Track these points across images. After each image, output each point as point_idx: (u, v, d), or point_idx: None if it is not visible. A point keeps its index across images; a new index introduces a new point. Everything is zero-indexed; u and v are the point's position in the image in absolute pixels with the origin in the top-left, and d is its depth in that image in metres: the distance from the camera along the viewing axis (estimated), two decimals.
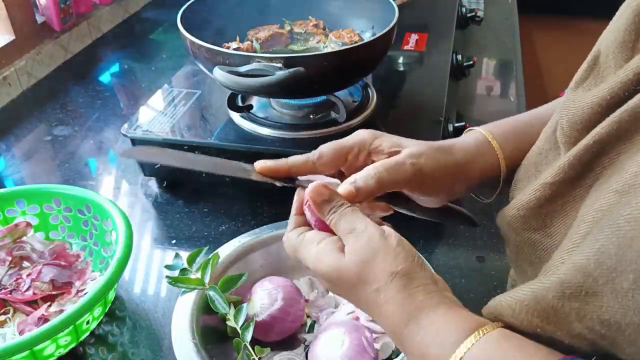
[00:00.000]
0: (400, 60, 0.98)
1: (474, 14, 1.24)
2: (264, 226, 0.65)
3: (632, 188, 0.30)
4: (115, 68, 1.23)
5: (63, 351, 0.59)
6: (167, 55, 1.25)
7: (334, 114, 0.80)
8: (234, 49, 0.82)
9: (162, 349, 0.61)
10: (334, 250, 0.41)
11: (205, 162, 0.51)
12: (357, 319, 0.58)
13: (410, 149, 0.48)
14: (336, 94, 0.79)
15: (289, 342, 0.59)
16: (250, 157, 0.76)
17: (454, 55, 1.00)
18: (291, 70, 0.67)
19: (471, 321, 0.37)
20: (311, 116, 0.81)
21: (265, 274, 0.62)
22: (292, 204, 0.48)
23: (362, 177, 0.45)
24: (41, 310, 0.60)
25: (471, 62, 1.02)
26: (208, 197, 0.82)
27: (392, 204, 0.50)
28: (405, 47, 1.00)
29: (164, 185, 0.85)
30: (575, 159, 0.37)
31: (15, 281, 0.64)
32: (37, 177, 0.90)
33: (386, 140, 0.49)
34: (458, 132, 0.82)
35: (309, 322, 0.61)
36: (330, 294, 0.63)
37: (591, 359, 0.33)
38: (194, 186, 0.85)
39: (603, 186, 0.35)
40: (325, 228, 0.44)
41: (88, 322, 0.59)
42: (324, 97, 0.81)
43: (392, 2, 0.82)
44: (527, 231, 0.43)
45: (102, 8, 1.33)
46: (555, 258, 0.35)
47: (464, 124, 0.82)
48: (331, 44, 0.87)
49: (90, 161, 0.92)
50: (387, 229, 0.42)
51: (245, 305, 0.57)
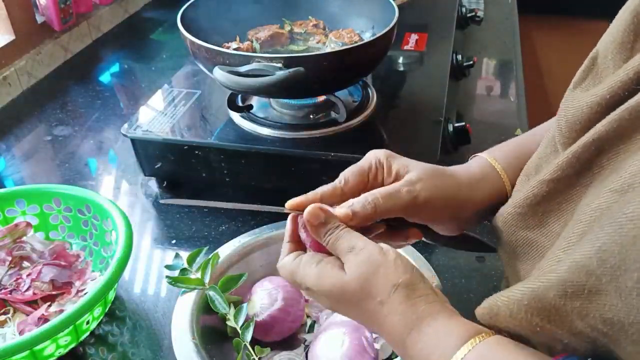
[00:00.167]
0: (400, 60, 0.98)
1: (474, 14, 1.25)
2: (264, 226, 0.65)
3: (632, 188, 0.30)
4: (115, 68, 1.23)
5: (63, 351, 0.59)
6: (167, 55, 1.25)
7: (334, 114, 0.80)
8: (234, 49, 0.82)
9: (162, 349, 0.61)
10: (335, 268, 0.42)
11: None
12: None
13: (410, 174, 0.48)
14: (336, 94, 0.79)
15: (289, 342, 0.59)
16: (250, 157, 0.76)
17: (454, 55, 1.00)
18: (291, 70, 0.67)
19: (470, 328, 0.38)
20: (311, 116, 0.81)
21: (265, 274, 0.62)
22: None
23: (359, 202, 0.46)
24: (41, 310, 0.60)
25: (471, 62, 1.03)
26: (208, 197, 0.82)
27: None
28: (405, 47, 1.00)
29: (164, 185, 0.85)
30: (574, 156, 0.37)
31: (15, 281, 0.64)
32: (37, 177, 0.90)
33: (396, 162, 0.49)
34: (458, 132, 0.82)
35: (309, 322, 0.61)
36: None
37: (586, 359, 0.33)
38: (194, 186, 0.85)
39: (601, 185, 0.35)
40: (321, 249, 0.45)
41: (88, 322, 0.59)
42: (324, 97, 0.81)
43: (392, 2, 0.82)
44: (522, 229, 0.43)
45: (102, 8, 1.33)
46: (550, 257, 0.35)
47: (464, 124, 0.82)
48: (331, 44, 0.87)
49: (90, 161, 0.92)
50: (385, 245, 0.42)
51: (245, 305, 0.57)
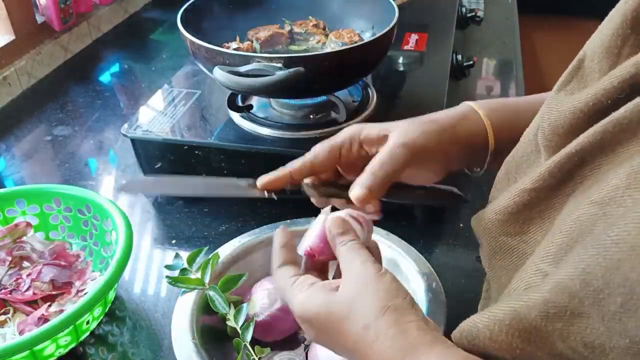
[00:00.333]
0: (400, 60, 0.98)
1: (474, 14, 1.25)
2: (264, 226, 0.65)
3: (613, 200, 0.30)
4: (115, 68, 1.23)
5: (63, 351, 0.59)
6: (167, 55, 1.25)
7: (334, 114, 0.80)
8: (234, 49, 0.82)
9: (162, 349, 0.61)
10: (325, 289, 0.42)
11: (200, 185, 0.52)
12: None
13: (396, 132, 0.49)
14: (336, 94, 0.79)
15: (289, 342, 0.59)
16: (250, 157, 0.76)
17: (454, 55, 1.00)
18: (291, 70, 0.67)
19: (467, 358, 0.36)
20: (311, 116, 0.81)
21: (265, 274, 0.62)
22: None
23: (366, 177, 0.46)
24: (41, 310, 0.60)
25: (471, 62, 1.03)
26: (208, 197, 0.82)
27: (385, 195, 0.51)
28: (405, 47, 1.00)
29: None
30: (556, 167, 0.36)
31: (15, 281, 0.64)
32: (37, 177, 0.90)
33: (373, 128, 0.51)
34: None
35: None
36: None
37: None
38: None
39: (582, 196, 0.34)
40: (315, 255, 0.46)
41: (88, 322, 0.59)
42: (324, 97, 0.81)
43: (392, 2, 0.82)
44: (503, 236, 0.42)
45: (102, 8, 1.33)
46: (530, 266, 0.35)
47: None
48: (331, 44, 0.87)
49: (90, 161, 0.92)
50: (386, 268, 0.42)
51: (245, 305, 0.57)
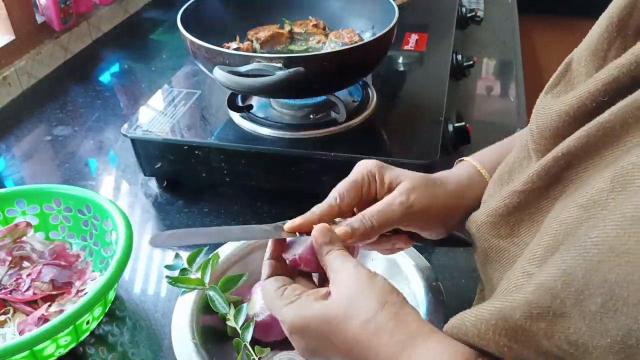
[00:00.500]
0: (400, 60, 0.98)
1: (474, 14, 1.25)
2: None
3: (597, 204, 0.30)
4: (115, 68, 1.23)
5: (63, 351, 0.59)
6: (167, 55, 1.25)
7: (334, 114, 0.80)
8: (234, 49, 0.82)
9: (162, 349, 0.61)
10: (315, 297, 0.42)
11: (229, 233, 0.52)
12: None
13: (402, 186, 0.49)
14: (336, 94, 0.79)
15: (289, 342, 0.59)
16: (250, 157, 0.76)
17: (454, 55, 1.00)
18: (291, 70, 0.67)
19: (466, 351, 0.37)
20: (311, 116, 0.81)
21: None
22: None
23: (357, 219, 0.47)
24: (41, 310, 0.60)
25: (471, 62, 1.03)
26: (208, 197, 0.82)
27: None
28: (405, 47, 1.00)
29: (164, 185, 0.85)
30: (543, 169, 0.37)
31: (15, 281, 0.64)
32: (37, 177, 0.90)
33: (388, 173, 0.51)
34: (458, 132, 0.82)
35: None
36: None
37: None
38: (194, 186, 0.85)
39: (568, 199, 0.34)
40: (303, 265, 0.46)
41: (88, 322, 0.59)
42: (323, 97, 0.81)
43: (392, 2, 0.82)
44: (495, 238, 0.43)
45: (102, 8, 1.33)
46: (517, 268, 0.35)
47: (464, 123, 0.82)
48: (331, 44, 0.87)
49: (90, 161, 0.92)
50: (375, 271, 0.43)
51: (245, 305, 0.57)
